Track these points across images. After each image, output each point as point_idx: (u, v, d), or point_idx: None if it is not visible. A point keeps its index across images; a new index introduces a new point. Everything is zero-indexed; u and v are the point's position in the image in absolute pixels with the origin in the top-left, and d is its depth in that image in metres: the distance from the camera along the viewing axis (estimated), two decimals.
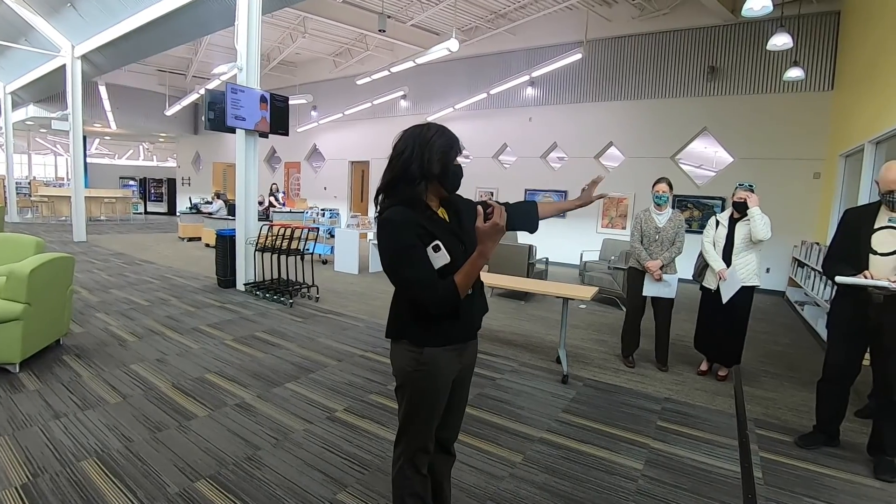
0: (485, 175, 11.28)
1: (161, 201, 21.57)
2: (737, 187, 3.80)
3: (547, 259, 7.87)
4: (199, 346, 4.06)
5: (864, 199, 5.75)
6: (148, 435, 2.60)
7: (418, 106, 12.23)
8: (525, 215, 1.92)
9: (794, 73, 6.68)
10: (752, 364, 4.47)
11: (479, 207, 1.40)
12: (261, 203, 8.31)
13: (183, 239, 11.35)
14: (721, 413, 3.37)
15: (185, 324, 4.69)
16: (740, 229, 3.79)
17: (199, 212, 11.52)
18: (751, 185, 3.74)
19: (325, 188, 14.48)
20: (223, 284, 6.32)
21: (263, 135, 6.24)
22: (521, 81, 9.69)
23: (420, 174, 1.49)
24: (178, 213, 16.01)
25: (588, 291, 3.92)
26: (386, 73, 8.67)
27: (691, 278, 4.23)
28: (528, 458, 2.59)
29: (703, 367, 4.15)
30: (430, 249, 1.45)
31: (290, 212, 10.35)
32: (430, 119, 11.64)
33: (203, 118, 6.13)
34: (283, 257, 5.94)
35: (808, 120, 7.88)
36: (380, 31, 8.78)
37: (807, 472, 2.63)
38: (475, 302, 1.63)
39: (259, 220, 6.53)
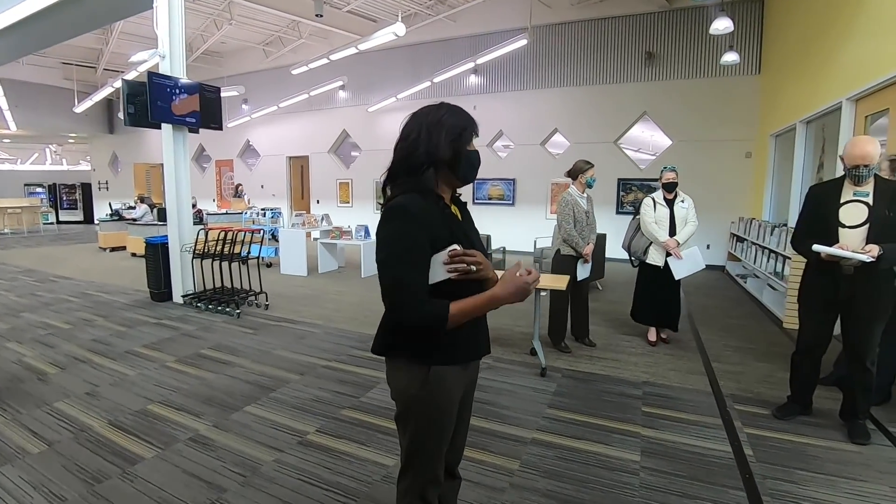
0: None
1: (75, 209, 19.55)
2: (663, 170, 4.21)
3: (504, 248, 7.80)
4: (136, 373, 3.56)
5: (796, 175, 6.10)
6: (85, 489, 2.17)
7: (358, 96, 11.76)
8: None
9: (730, 58, 6.97)
10: (712, 339, 4.59)
11: (520, 262, 1.29)
12: (194, 206, 7.61)
13: (104, 249, 10.27)
14: (698, 392, 3.39)
15: (116, 347, 4.13)
16: (678, 210, 4.18)
17: (121, 218, 10.46)
18: (674, 167, 4.19)
19: (262, 186, 13.65)
20: (157, 298, 5.70)
21: (194, 130, 5.66)
22: (465, 69, 9.51)
23: (427, 159, 1.26)
24: (96, 221, 14.48)
25: (562, 281, 3.81)
26: (324, 61, 8.17)
27: (628, 255, 4.53)
28: (526, 462, 2.44)
29: (652, 337, 4.44)
30: (444, 254, 1.23)
31: (227, 213, 9.62)
32: (371, 109, 11.23)
33: (121, 114, 5.45)
34: (224, 264, 5.43)
35: (739, 102, 8.30)
36: (317, 15, 8.27)
37: (791, 444, 2.67)
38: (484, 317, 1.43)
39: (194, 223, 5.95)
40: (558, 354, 4.09)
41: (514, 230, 9.94)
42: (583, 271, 4.17)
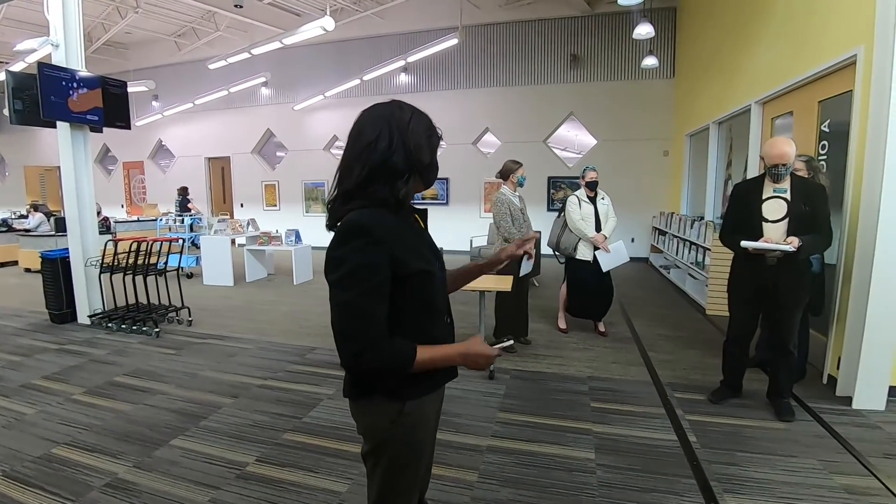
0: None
1: None
2: (586, 169, 4.45)
3: (442, 248, 7.74)
4: (36, 411, 3.06)
5: (711, 171, 6.58)
6: None
7: (283, 94, 11.18)
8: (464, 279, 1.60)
9: (650, 62, 7.41)
10: (645, 329, 4.82)
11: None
12: (98, 214, 6.83)
13: None
14: (639, 382, 3.51)
15: (9, 381, 3.55)
16: (601, 207, 4.46)
17: (10, 229, 9.19)
18: (594, 167, 4.49)
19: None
20: (58, 319, 5.02)
21: (97, 129, 5.04)
22: (395, 67, 9.35)
23: (408, 167, 1.13)
24: None
25: (506, 282, 3.79)
26: (245, 56, 7.64)
27: (555, 252, 4.67)
28: (484, 473, 2.37)
29: (563, 324, 4.74)
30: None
31: (139, 220, 8.76)
32: (297, 108, 10.73)
33: (6, 110, 4.72)
34: (138, 277, 4.90)
35: (657, 104, 8.86)
36: (236, 6, 7.71)
37: (729, 427, 2.82)
38: (453, 332, 1.33)
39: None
40: (504, 355, 4.08)
41: (450, 230, 9.93)
42: (525, 267, 4.21)
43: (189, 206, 9.52)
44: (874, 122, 2.90)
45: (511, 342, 1.18)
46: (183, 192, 9.82)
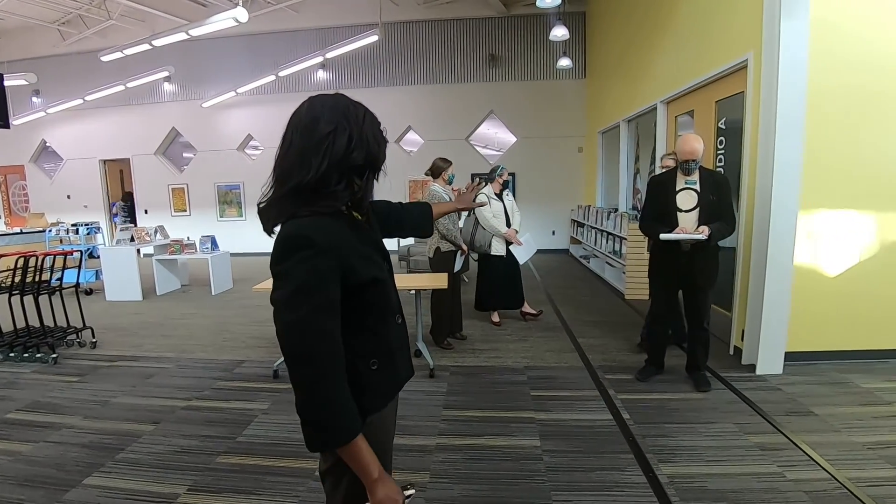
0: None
1: None
2: (501, 169, 4.64)
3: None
4: None
5: (622, 166, 7.05)
6: None
7: (189, 90, 10.34)
8: (421, 216, 1.60)
9: (564, 63, 7.80)
10: (572, 317, 5.07)
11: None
12: None
13: None
14: (573, 368, 3.69)
15: None
16: (508, 203, 4.65)
17: None
18: (504, 168, 4.69)
19: (68, 197, 11.23)
20: None
21: None
22: (312, 63, 9.00)
23: (368, 164, 1.07)
24: None
25: (441, 279, 3.81)
26: (145, 47, 6.92)
27: (470, 249, 4.69)
28: (435, 472, 2.35)
29: (496, 318, 4.87)
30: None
31: (22, 232, 7.69)
32: (206, 105, 10.00)
33: None
34: (27, 297, 4.29)
35: (570, 103, 9.35)
36: None
37: (656, 401, 3.05)
38: (406, 330, 1.29)
39: None
40: (442, 352, 4.10)
41: None
42: (458, 263, 4.26)
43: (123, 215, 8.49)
44: (764, 120, 3.26)
45: (413, 492, 1.12)
46: (127, 198, 8.71)
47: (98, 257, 6.81)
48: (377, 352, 1.14)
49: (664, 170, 3.47)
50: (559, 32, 6.34)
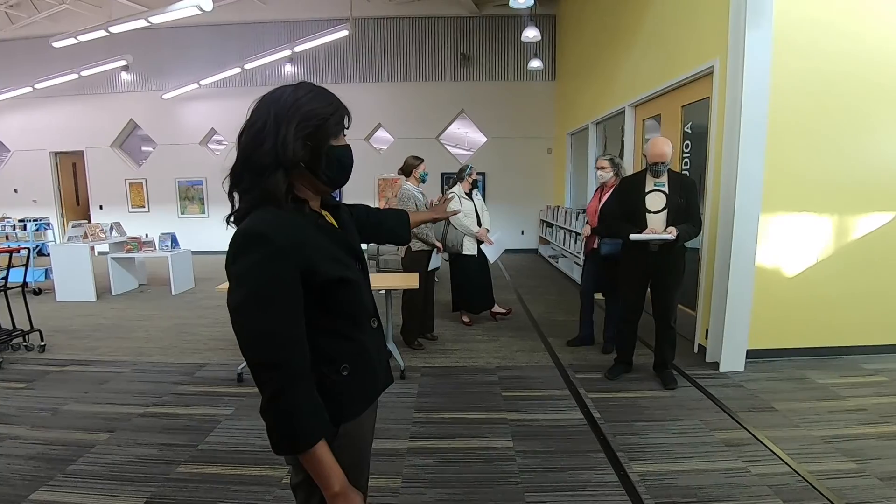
0: None
1: None
2: (471, 168, 4.61)
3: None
4: None
5: (591, 168, 7.15)
6: None
7: (149, 80, 9.89)
8: (398, 223, 1.56)
9: (535, 64, 7.88)
10: (542, 316, 5.12)
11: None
12: None
13: None
14: (543, 367, 3.71)
15: None
16: (477, 202, 4.64)
17: None
18: (473, 168, 4.67)
19: (15, 191, 10.56)
20: None
21: None
22: (280, 56, 8.76)
23: (274, 159, 0.96)
24: None
25: (413, 279, 3.76)
26: (101, 34, 6.54)
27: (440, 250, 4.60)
28: (408, 476, 2.31)
29: (467, 318, 4.86)
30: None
31: None
32: (167, 96, 9.60)
33: None
34: None
35: (540, 104, 9.46)
36: None
37: (625, 399, 3.10)
38: (383, 334, 1.25)
39: None
40: (413, 353, 4.06)
41: None
42: (434, 261, 4.23)
43: None
44: (729, 124, 3.36)
45: None
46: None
47: (48, 255, 6.44)
48: (349, 357, 1.08)
49: (600, 171, 3.55)
50: (531, 34, 6.38)
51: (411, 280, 3.69)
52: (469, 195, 4.60)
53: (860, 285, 3.62)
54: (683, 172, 4.14)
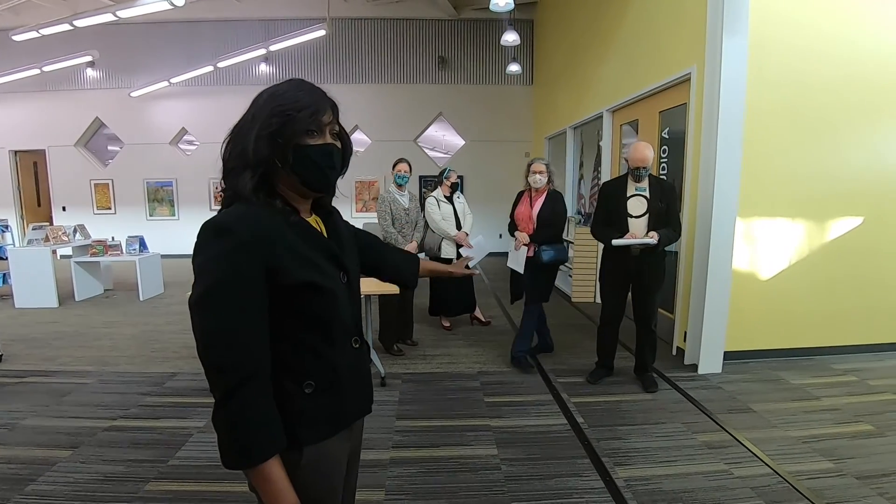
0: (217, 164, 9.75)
1: None
2: (449, 170, 4.58)
3: None
4: None
5: (568, 172, 7.23)
6: None
7: (116, 77, 9.52)
8: (406, 263, 1.43)
9: (514, 68, 7.93)
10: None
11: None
12: None
13: None
14: (525, 372, 3.68)
15: None
16: (458, 205, 4.57)
17: None
18: (453, 168, 4.67)
19: None
20: None
21: None
22: (254, 56, 8.57)
23: (241, 160, 0.94)
24: None
25: (392, 286, 3.69)
26: (65, 27, 6.24)
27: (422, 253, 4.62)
28: (391, 488, 2.24)
29: (446, 322, 4.84)
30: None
31: None
32: (135, 94, 9.27)
33: None
34: None
35: (518, 108, 9.51)
36: None
37: (607, 404, 3.10)
38: (367, 357, 1.18)
39: None
40: (393, 359, 3.99)
41: None
42: None
43: None
44: (706, 131, 3.42)
45: None
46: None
47: (6, 259, 6.10)
48: (315, 374, 0.99)
49: (537, 175, 3.54)
50: (510, 37, 6.40)
51: (388, 285, 3.62)
52: (449, 198, 4.56)
53: (829, 288, 3.73)
54: (661, 177, 4.20)
